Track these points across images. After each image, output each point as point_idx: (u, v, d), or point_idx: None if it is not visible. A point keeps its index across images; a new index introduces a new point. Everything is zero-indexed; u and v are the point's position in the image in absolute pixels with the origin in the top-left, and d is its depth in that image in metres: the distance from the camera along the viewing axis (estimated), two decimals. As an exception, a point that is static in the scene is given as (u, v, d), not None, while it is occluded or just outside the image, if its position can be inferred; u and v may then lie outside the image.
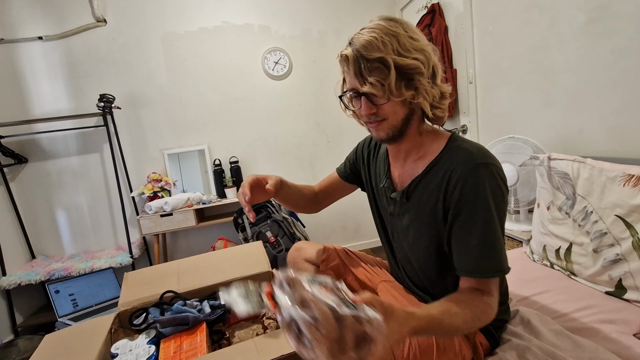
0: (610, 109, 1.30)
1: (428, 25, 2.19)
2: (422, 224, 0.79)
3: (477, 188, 0.68)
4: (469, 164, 0.70)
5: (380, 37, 0.69)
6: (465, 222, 0.70)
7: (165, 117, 2.48)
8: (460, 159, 0.72)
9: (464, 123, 2.19)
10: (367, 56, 0.69)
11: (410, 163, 0.83)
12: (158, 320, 0.87)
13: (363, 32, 0.72)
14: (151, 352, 0.79)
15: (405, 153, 0.84)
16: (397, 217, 0.87)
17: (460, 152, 0.73)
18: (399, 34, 0.70)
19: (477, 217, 0.68)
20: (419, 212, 0.79)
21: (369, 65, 0.70)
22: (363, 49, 0.70)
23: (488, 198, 0.68)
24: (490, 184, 0.68)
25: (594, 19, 1.30)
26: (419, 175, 0.79)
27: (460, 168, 0.70)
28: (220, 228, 2.59)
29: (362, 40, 0.70)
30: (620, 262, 1.03)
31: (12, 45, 2.19)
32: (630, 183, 1.01)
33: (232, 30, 2.53)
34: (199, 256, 1.16)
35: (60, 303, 2.01)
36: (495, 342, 0.86)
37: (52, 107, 2.28)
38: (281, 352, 0.63)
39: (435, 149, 0.78)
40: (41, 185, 2.31)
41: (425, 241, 0.79)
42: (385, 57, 0.68)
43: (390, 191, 0.87)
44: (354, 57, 0.71)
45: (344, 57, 0.73)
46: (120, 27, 2.34)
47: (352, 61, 0.71)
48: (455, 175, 0.71)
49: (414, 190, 0.80)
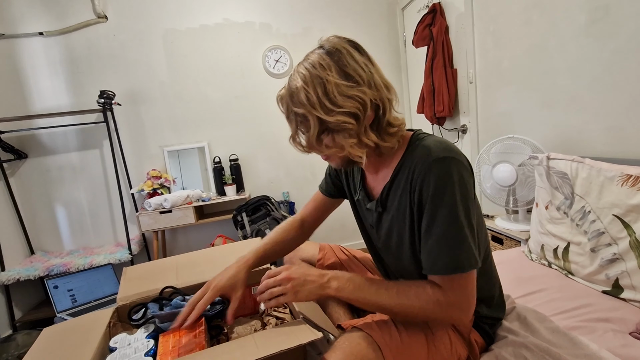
0: (609, 110, 1.31)
1: (429, 24, 2.19)
2: (400, 231, 0.76)
3: (434, 184, 0.66)
4: (426, 160, 0.67)
5: (305, 87, 0.66)
6: (426, 219, 0.68)
7: (166, 114, 2.48)
8: (419, 157, 0.69)
9: (463, 123, 2.20)
10: (293, 109, 0.69)
11: (381, 173, 0.80)
12: (157, 315, 0.87)
13: (296, 72, 0.70)
14: (150, 346, 0.79)
15: (373, 166, 0.81)
16: (376, 228, 0.84)
17: (419, 150, 0.71)
18: (327, 81, 0.65)
19: (435, 213, 0.66)
20: (395, 219, 0.77)
21: (294, 116, 0.70)
22: (290, 98, 0.69)
23: (444, 193, 0.65)
24: (447, 178, 0.65)
25: (594, 20, 1.31)
26: (388, 181, 0.77)
27: (419, 166, 0.68)
28: (219, 225, 2.60)
29: (292, 86, 0.69)
30: (617, 262, 1.03)
31: (13, 40, 2.19)
32: (628, 183, 1.02)
33: (233, 28, 2.53)
34: (197, 252, 1.16)
35: (59, 298, 2.01)
36: (490, 339, 0.86)
37: (52, 103, 2.28)
38: (280, 347, 0.62)
39: (399, 154, 0.75)
40: (41, 181, 2.31)
41: (407, 248, 0.76)
42: (307, 114, 0.67)
43: (366, 202, 0.85)
44: (285, 103, 0.71)
45: (278, 98, 0.73)
46: (121, 23, 2.34)
47: (283, 106, 0.72)
48: (415, 174, 0.69)
49: (386, 198, 0.78)
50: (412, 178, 0.70)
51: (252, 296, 1.07)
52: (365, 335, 0.68)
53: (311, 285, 0.70)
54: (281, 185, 2.76)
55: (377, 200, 0.80)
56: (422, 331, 0.73)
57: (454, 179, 0.65)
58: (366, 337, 0.68)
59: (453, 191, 0.65)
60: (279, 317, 0.89)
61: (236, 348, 0.66)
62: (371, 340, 0.67)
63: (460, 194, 0.65)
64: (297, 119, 0.70)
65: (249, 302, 1.07)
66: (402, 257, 0.78)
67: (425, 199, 0.67)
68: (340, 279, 0.71)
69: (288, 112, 0.71)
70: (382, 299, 0.69)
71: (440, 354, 0.72)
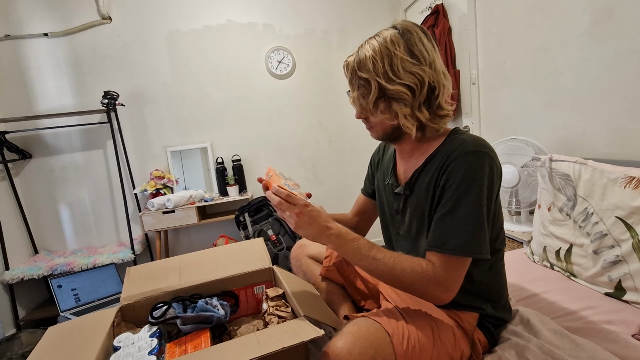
0: (612, 111, 1.31)
1: (432, 26, 2.20)
2: (422, 212, 0.80)
3: (464, 171, 0.70)
4: (462, 151, 0.72)
5: (373, 57, 0.74)
6: (451, 201, 0.72)
7: (169, 115, 2.49)
8: (455, 147, 0.74)
9: (466, 124, 2.20)
10: (358, 73, 0.76)
11: (413, 159, 0.85)
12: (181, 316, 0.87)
13: (367, 43, 0.77)
14: (153, 345, 0.79)
15: (408, 151, 0.86)
16: (401, 213, 0.88)
17: (456, 142, 0.76)
18: (395, 55, 0.73)
19: (460, 197, 0.70)
20: (419, 202, 0.81)
21: (357, 80, 0.77)
22: (357, 65, 0.77)
23: (474, 181, 0.70)
24: (478, 169, 0.70)
25: (597, 21, 1.31)
26: (419, 167, 0.82)
27: (453, 154, 0.73)
28: (221, 226, 2.61)
29: (361, 55, 0.76)
30: (620, 264, 1.03)
31: (18, 41, 2.21)
32: (631, 185, 1.02)
33: (236, 29, 2.54)
34: (200, 252, 1.16)
35: (63, 298, 2.02)
36: (494, 340, 0.86)
37: (57, 104, 2.29)
38: (282, 345, 0.63)
39: (436, 141, 0.81)
40: (45, 181, 2.32)
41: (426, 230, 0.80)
42: (370, 79, 0.74)
43: (395, 187, 0.89)
44: (351, 69, 0.79)
45: (345, 64, 0.81)
46: (125, 24, 2.35)
47: (349, 71, 0.80)
48: (448, 161, 0.74)
49: (415, 182, 0.83)
50: (444, 164, 0.74)
51: (255, 296, 1.08)
52: (373, 322, 0.70)
53: (314, 228, 0.75)
54: (283, 186, 2.76)
55: (407, 183, 0.84)
56: (428, 324, 0.74)
57: (484, 170, 0.70)
58: (374, 323, 0.69)
59: (482, 182, 0.70)
60: (280, 316, 0.89)
61: (238, 346, 0.67)
62: (379, 327, 0.69)
63: (487, 186, 0.70)
64: (360, 82, 0.77)
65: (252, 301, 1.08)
66: (421, 241, 0.82)
67: (452, 183, 0.72)
68: (342, 238, 0.75)
69: (352, 76, 0.79)
70: (376, 265, 0.73)
71: (444, 347, 0.73)
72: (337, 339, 0.65)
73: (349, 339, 0.64)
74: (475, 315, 0.82)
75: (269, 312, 0.92)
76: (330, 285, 1.07)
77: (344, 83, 3.03)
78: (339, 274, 1.06)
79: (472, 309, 0.83)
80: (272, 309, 0.91)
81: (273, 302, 0.94)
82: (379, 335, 0.67)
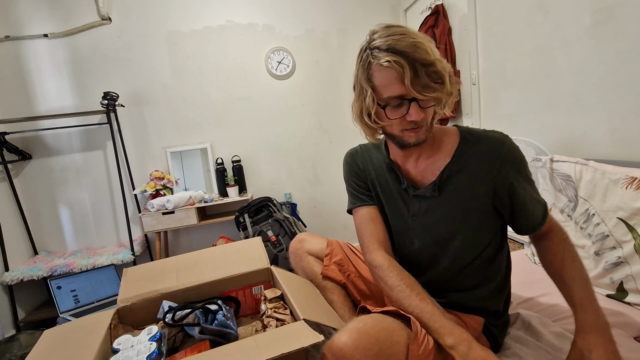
0: (614, 112, 1.30)
1: (432, 26, 2.19)
2: (464, 214, 0.79)
3: (517, 158, 0.77)
4: (499, 140, 0.78)
5: (421, 41, 0.68)
6: (523, 187, 0.77)
7: (169, 116, 2.49)
8: (490, 142, 0.78)
9: (466, 124, 2.19)
10: (423, 61, 0.67)
11: (424, 159, 0.84)
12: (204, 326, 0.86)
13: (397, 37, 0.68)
14: (152, 349, 0.78)
15: (418, 152, 0.83)
16: (420, 217, 0.83)
17: (483, 138, 0.79)
18: (424, 37, 0.71)
19: (527, 181, 0.79)
20: (459, 202, 0.79)
21: (425, 69, 0.67)
22: (416, 54, 0.66)
23: (524, 162, 0.79)
24: (519, 151, 0.79)
25: (598, 21, 1.30)
26: (447, 165, 0.80)
27: (496, 147, 0.77)
28: (221, 226, 2.60)
29: (409, 44, 0.67)
30: (621, 265, 1.02)
31: (18, 42, 2.21)
32: (633, 186, 1.01)
33: (236, 30, 2.53)
34: (197, 252, 1.15)
35: (62, 299, 2.01)
36: (498, 345, 0.85)
37: (57, 104, 2.29)
38: (281, 351, 0.62)
39: (449, 139, 0.82)
40: (44, 182, 2.32)
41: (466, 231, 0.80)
42: (435, 61, 0.68)
43: (412, 190, 0.84)
44: (409, 63, 0.66)
45: (394, 64, 0.66)
46: (125, 25, 2.35)
47: (407, 67, 0.66)
48: (501, 155, 0.76)
49: (446, 181, 0.80)
50: (495, 159, 0.76)
51: (254, 296, 1.07)
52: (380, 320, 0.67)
53: None
54: (283, 187, 2.76)
55: (435, 183, 0.81)
56: None
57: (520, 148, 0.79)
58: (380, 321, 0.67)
59: (525, 160, 0.79)
60: (279, 319, 0.89)
61: (237, 350, 0.66)
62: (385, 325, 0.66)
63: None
64: (429, 70, 0.68)
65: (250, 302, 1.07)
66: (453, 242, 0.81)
67: (515, 173, 0.77)
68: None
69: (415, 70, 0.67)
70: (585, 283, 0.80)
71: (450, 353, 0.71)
72: (341, 333, 0.62)
73: (355, 334, 0.62)
74: (480, 321, 0.81)
75: (267, 314, 0.92)
76: (331, 284, 1.06)
77: (344, 83, 3.03)
78: (340, 273, 1.05)
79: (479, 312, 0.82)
80: (270, 311, 0.91)
81: (271, 304, 0.93)
82: (385, 332, 0.65)
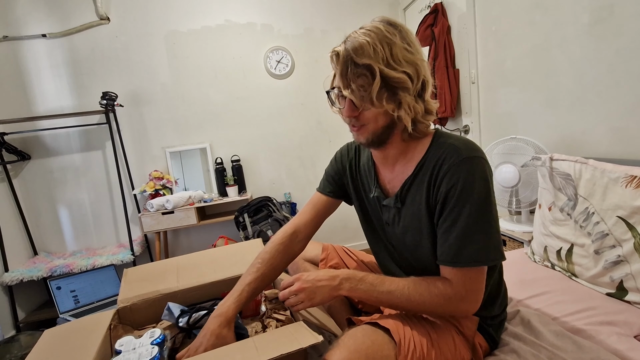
0: (613, 110, 1.30)
1: (431, 25, 2.19)
2: (418, 226, 0.77)
3: (463, 181, 0.68)
4: (455, 158, 0.69)
5: (374, 42, 0.67)
6: (450, 213, 0.69)
7: (168, 115, 2.48)
8: (447, 154, 0.71)
9: (466, 123, 2.19)
10: (356, 60, 0.68)
11: (399, 167, 0.81)
12: None
13: (359, 32, 0.70)
14: (154, 353, 0.77)
15: (392, 158, 0.82)
16: (392, 225, 0.84)
17: (446, 148, 0.72)
18: (394, 43, 0.68)
19: (461, 209, 0.68)
20: (414, 215, 0.77)
21: (355, 69, 0.68)
22: (353, 51, 0.68)
23: (473, 190, 0.67)
24: (476, 177, 0.68)
25: (598, 20, 1.30)
26: (409, 176, 0.78)
27: (446, 163, 0.70)
28: (221, 226, 2.60)
29: (356, 42, 0.68)
30: (621, 264, 1.02)
31: (16, 42, 2.20)
32: (633, 184, 1.01)
33: (234, 29, 2.53)
34: (198, 253, 1.16)
35: (62, 299, 2.01)
36: (495, 343, 0.85)
37: (56, 105, 2.29)
38: (280, 352, 0.62)
39: (421, 149, 0.77)
40: (44, 182, 2.32)
41: (426, 242, 0.76)
42: (373, 65, 0.67)
43: (383, 198, 0.84)
44: (344, 58, 0.69)
45: (334, 54, 0.72)
46: (123, 25, 2.34)
47: (341, 61, 0.70)
48: (442, 171, 0.70)
49: (406, 193, 0.78)
50: (438, 174, 0.71)
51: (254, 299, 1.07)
52: (370, 333, 0.68)
53: (324, 289, 0.74)
54: (283, 186, 2.76)
55: (397, 195, 0.80)
56: (427, 331, 0.73)
57: (484, 176, 0.69)
58: (371, 334, 0.68)
59: (481, 188, 0.68)
60: (279, 320, 0.89)
61: (236, 351, 0.66)
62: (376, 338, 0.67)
63: (489, 191, 0.69)
64: (359, 71, 0.68)
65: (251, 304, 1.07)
66: (420, 251, 0.79)
67: (452, 195, 0.69)
68: (352, 280, 0.74)
69: (346, 67, 0.69)
70: (393, 297, 0.72)
71: (444, 355, 0.71)
72: (333, 352, 0.63)
73: (345, 353, 0.62)
74: (475, 320, 0.81)
75: (267, 315, 0.92)
76: None
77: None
78: None
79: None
80: (270, 312, 0.91)
81: (271, 305, 0.93)
82: (374, 347, 0.65)
